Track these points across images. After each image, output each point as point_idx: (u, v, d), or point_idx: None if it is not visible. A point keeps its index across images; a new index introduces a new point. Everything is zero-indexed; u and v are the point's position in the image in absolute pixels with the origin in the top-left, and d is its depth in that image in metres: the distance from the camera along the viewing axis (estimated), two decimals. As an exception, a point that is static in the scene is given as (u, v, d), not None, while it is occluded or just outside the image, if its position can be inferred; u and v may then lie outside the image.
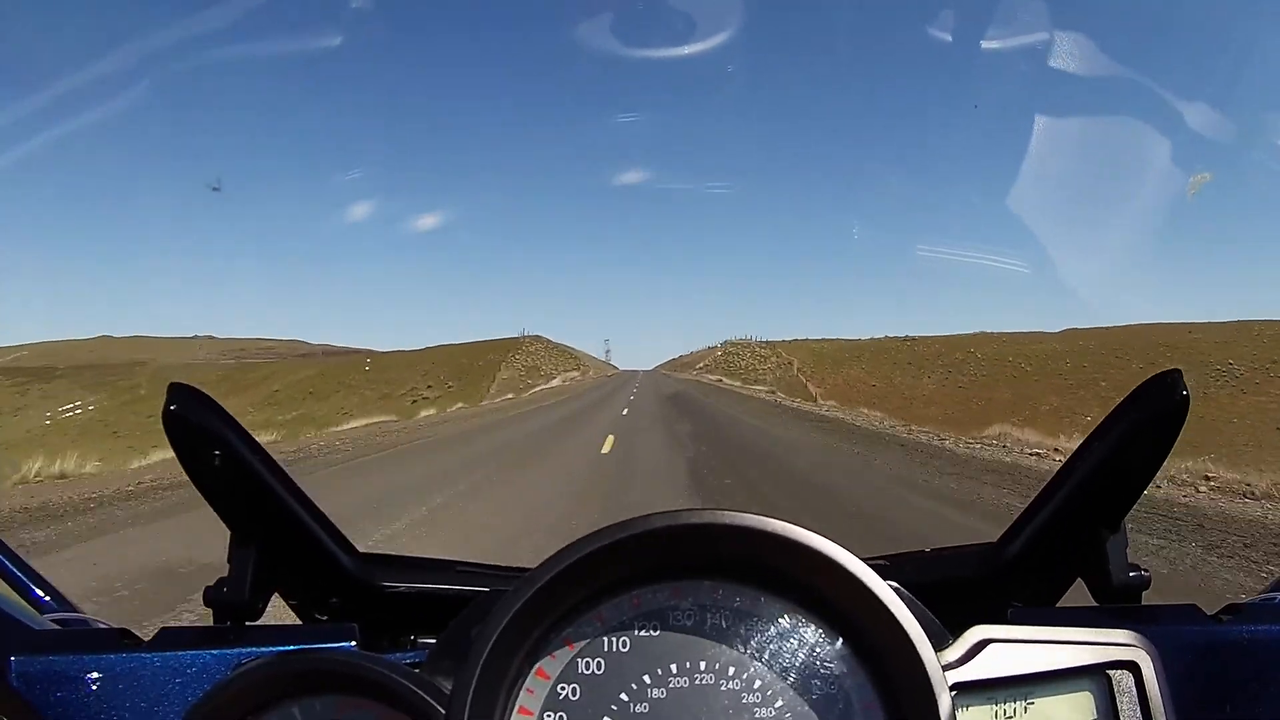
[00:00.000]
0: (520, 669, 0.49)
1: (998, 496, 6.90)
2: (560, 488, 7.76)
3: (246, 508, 0.59)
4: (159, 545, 5.34)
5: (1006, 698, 0.50)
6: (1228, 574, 4.36)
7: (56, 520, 6.54)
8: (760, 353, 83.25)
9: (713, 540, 0.49)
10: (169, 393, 0.54)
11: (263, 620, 0.61)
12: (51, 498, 7.67)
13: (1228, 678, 0.55)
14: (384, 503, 6.81)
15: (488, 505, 6.82)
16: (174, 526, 6.06)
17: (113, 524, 6.33)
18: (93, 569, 4.71)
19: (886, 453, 10.87)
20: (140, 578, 4.47)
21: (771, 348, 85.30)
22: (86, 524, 6.35)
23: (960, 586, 0.69)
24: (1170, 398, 0.55)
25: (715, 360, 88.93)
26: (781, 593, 0.51)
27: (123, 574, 4.55)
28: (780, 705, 0.49)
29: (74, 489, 8.35)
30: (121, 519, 6.58)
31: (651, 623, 0.50)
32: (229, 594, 0.59)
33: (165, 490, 7.99)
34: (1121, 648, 0.51)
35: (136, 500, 7.56)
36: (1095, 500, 0.61)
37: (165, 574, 4.51)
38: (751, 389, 41.99)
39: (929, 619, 0.52)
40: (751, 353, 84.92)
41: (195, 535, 5.10)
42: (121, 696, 0.52)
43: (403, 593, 0.69)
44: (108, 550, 5.30)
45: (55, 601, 0.71)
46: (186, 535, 5.37)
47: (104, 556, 5.08)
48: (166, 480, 8.50)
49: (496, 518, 6.20)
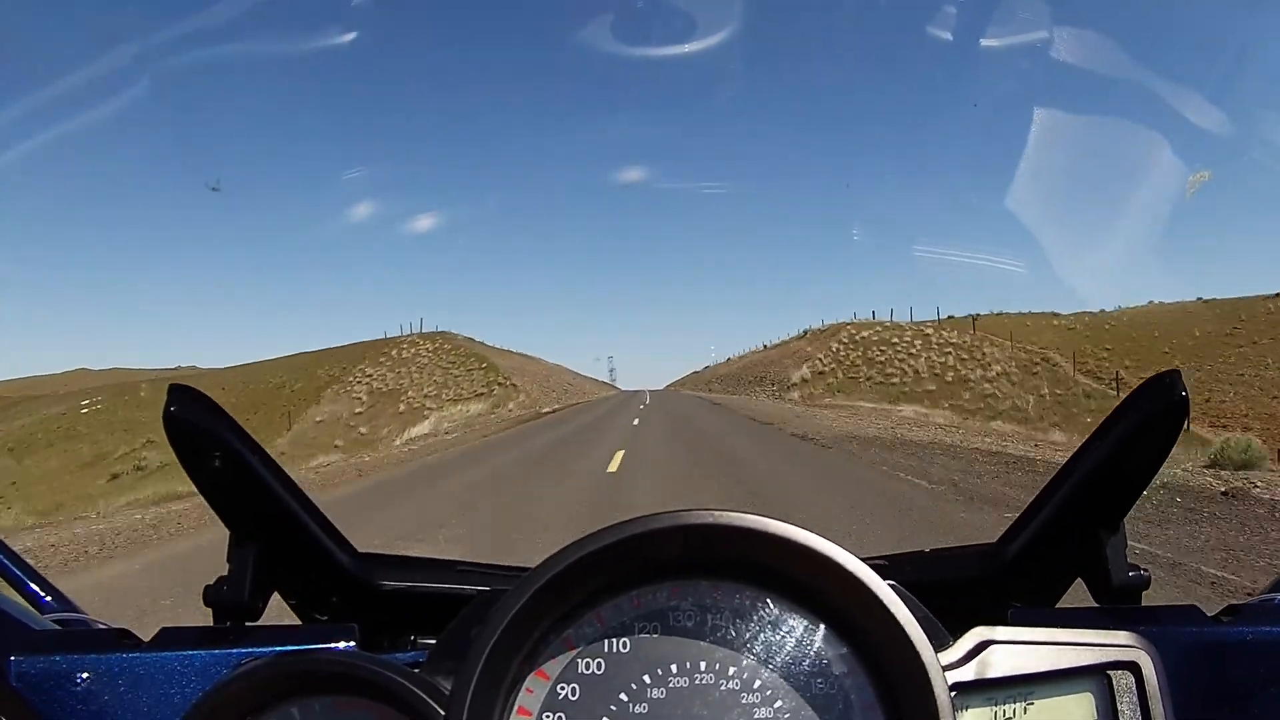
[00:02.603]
0: (520, 669, 0.49)
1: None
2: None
3: (246, 508, 0.59)
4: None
5: (1006, 698, 0.50)
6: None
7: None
8: (917, 343, 42.63)
9: (713, 541, 0.49)
10: (169, 394, 0.54)
11: (263, 620, 0.61)
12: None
13: (1228, 678, 0.55)
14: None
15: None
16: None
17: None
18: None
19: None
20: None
21: (932, 329, 44.52)
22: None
23: (960, 586, 0.69)
24: (1170, 398, 0.55)
25: (815, 361, 44.07)
26: (782, 593, 0.51)
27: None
28: (780, 705, 0.49)
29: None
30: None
31: (651, 623, 0.50)
32: (229, 594, 0.59)
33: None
34: (1122, 648, 0.51)
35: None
36: (1095, 500, 0.61)
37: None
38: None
39: (929, 619, 0.52)
40: (889, 345, 43.44)
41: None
42: (121, 696, 0.52)
43: (402, 592, 0.69)
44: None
45: (55, 601, 0.71)
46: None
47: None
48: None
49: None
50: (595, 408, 34.08)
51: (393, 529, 6.75)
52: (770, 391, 42.52)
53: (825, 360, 43.92)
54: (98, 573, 5.81)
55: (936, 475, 8.80)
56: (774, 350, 59.22)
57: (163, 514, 8.78)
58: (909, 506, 6.82)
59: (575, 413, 28.92)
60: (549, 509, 7.33)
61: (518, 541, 5.93)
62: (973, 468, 9.47)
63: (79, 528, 8.18)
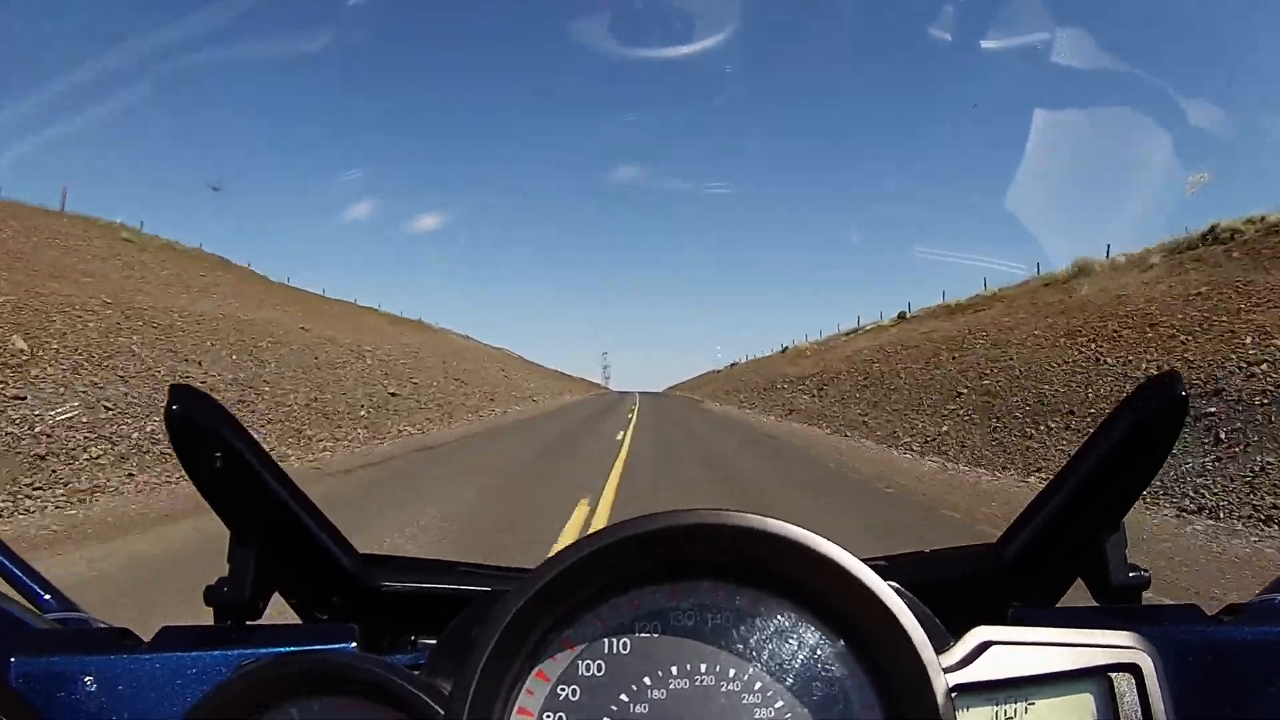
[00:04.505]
0: (520, 670, 0.49)
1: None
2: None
3: (247, 508, 0.59)
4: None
5: (1007, 699, 0.50)
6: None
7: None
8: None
9: (713, 541, 0.49)
10: (170, 394, 0.54)
11: (263, 620, 0.61)
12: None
13: (1228, 678, 0.55)
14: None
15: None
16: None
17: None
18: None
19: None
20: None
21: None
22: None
23: (960, 587, 0.69)
24: (1169, 398, 0.55)
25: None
26: (782, 594, 0.51)
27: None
28: (780, 706, 0.49)
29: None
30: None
31: (652, 624, 0.50)
32: (229, 593, 0.59)
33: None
34: (1122, 650, 0.51)
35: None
36: (1095, 500, 0.61)
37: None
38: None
39: (930, 620, 0.52)
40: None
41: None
42: (122, 697, 0.52)
43: (403, 593, 0.70)
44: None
45: (56, 601, 0.71)
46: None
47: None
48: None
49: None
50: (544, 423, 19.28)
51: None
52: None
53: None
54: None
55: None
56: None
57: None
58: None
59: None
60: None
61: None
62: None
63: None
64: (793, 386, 26.32)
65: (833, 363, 25.75)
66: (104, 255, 18.15)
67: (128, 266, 18.27)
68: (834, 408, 19.49)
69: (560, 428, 17.94)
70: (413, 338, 30.63)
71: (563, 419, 21.72)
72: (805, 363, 30.70)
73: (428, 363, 24.97)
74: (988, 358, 14.65)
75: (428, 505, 6.65)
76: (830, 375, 23.82)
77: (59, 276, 13.39)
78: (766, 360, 44.26)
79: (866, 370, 20.87)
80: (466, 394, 23.34)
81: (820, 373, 25.50)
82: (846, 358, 24.98)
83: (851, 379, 21.23)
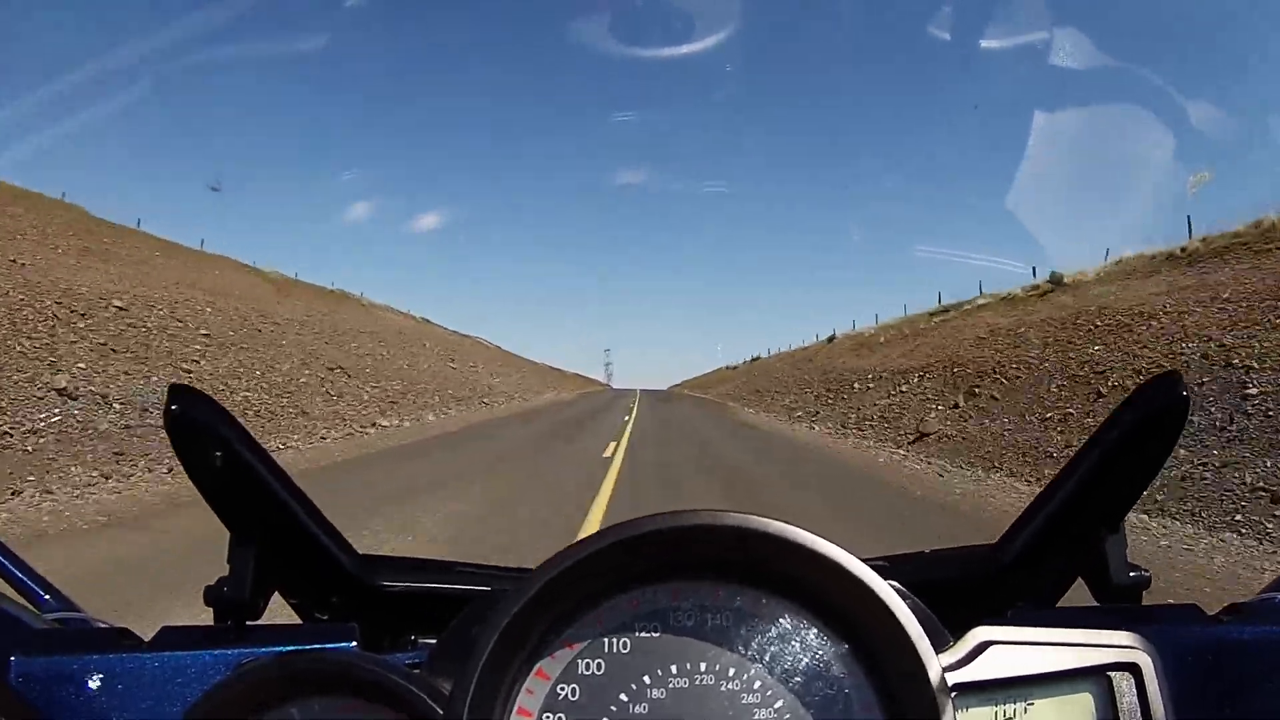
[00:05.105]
0: (520, 670, 0.49)
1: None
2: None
3: (247, 508, 0.59)
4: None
5: (1007, 699, 0.50)
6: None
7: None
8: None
9: (713, 541, 0.49)
10: (170, 394, 0.54)
11: (263, 619, 0.61)
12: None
13: (1228, 678, 0.55)
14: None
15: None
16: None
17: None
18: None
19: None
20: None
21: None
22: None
23: (960, 587, 0.69)
24: (1170, 398, 0.55)
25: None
26: (782, 594, 0.51)
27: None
28: (780, 706, 0.49)
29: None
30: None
31: (652, 624, 0.50)
32: (229, 593, 0.59)
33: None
34: (1122, 649, 0.51)
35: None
36: (1095, 500, 0.61)
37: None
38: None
39: (930, 620, 0.52)
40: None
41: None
42: (122, 696, 0.52)
43: (403, 593, 0.69)
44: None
45: (55, 601, 0.71)
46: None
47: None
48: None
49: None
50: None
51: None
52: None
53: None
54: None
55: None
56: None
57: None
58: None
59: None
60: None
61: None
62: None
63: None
64: (882, 386, 16.66)
65: (950, 350, 15.48)
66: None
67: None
68: (1034, 433, 9.53)
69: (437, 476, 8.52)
70: (302, 308, 20.59)
71: (474, 448, 11.86)
72: (888, 352, 19.96)
73: (308, 344, 16.67)
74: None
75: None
76: (964, 371, 13.55)
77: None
78: (805, 352, 32.91)
79: (1023, 362, 11.88)
80: (356, 394, 15.17)
81: (925, 367, 15.40)
82: (976, 340, 14.87)
83: (1009, 377, 11.80)
